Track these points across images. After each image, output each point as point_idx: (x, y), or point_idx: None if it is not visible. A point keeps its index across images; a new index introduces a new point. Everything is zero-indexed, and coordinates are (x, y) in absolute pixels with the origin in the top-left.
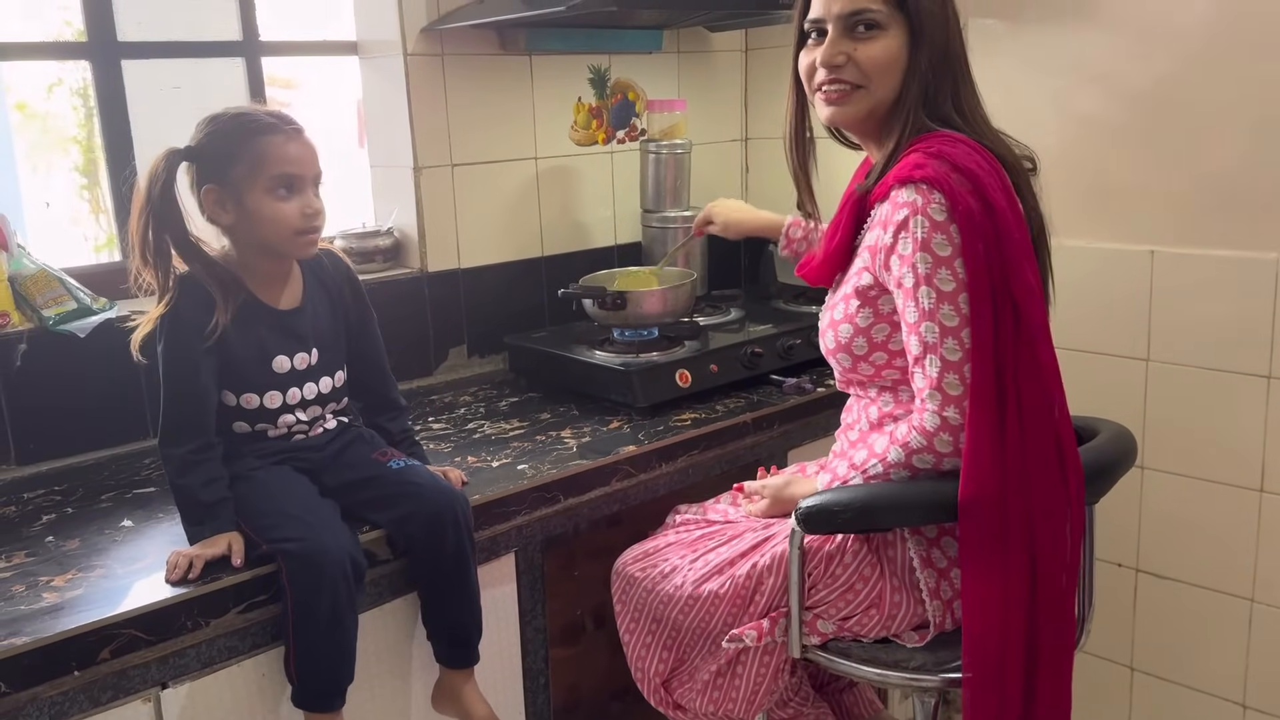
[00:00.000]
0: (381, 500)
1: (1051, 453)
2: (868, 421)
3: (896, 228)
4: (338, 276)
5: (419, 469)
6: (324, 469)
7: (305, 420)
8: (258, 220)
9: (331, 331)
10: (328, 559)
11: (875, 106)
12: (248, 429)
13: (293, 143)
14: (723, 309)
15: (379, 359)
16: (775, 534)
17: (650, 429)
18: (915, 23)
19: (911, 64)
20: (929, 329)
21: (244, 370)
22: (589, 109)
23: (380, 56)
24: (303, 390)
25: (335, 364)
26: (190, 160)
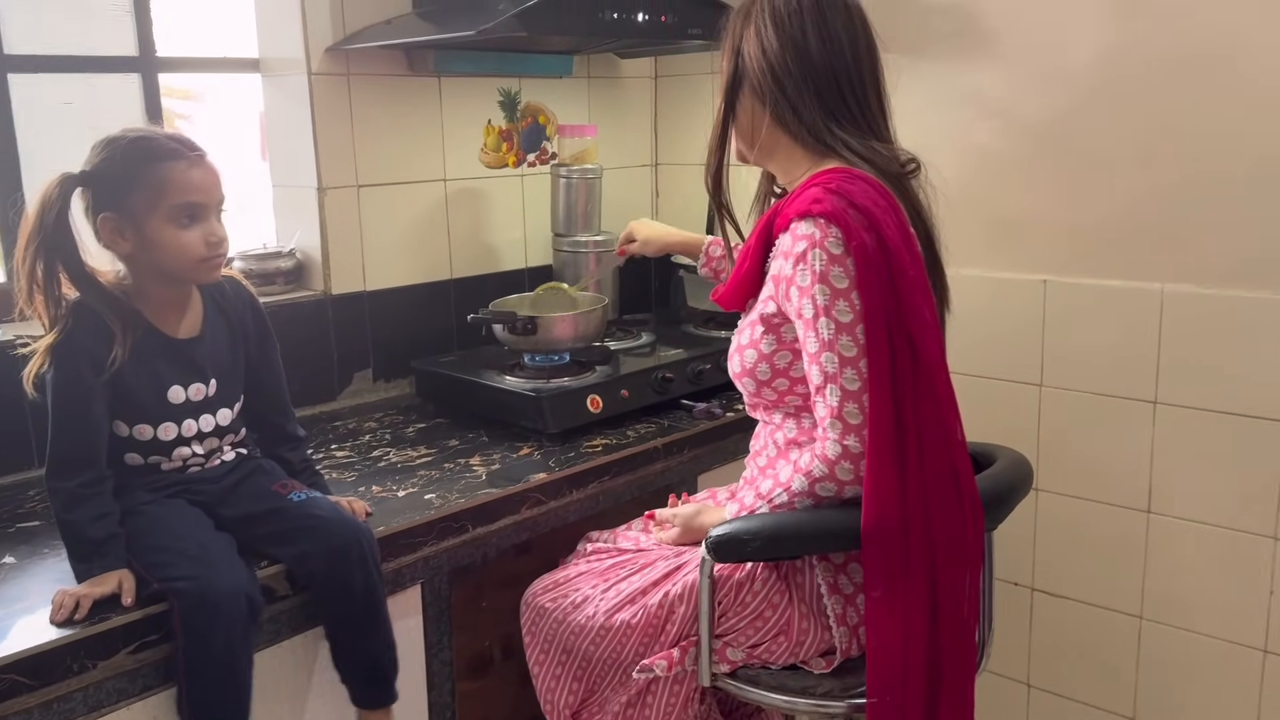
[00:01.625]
0: (282, 534)
1: (949, 482)
2: (774, 447)
3: (796, 259)
4: (240, 304)
5: (321, 501)
6: (221, 501)
7: (201, 453)
8: (158, 249)
9: (230, 362)
10: (221, 597)
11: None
12: (140, 461)
13: (195, 169)
14: (634, 333)
15: (279, 390)
16: (686, 562)
17: (561, 455)
18: (742, 68)
19: (756, 104)
20: (829, 359)
21: (137, 401)
22: (499, 131)
23: (283, 75)
24: (199, 422)
25: (233, 395)
26: (85, 186)
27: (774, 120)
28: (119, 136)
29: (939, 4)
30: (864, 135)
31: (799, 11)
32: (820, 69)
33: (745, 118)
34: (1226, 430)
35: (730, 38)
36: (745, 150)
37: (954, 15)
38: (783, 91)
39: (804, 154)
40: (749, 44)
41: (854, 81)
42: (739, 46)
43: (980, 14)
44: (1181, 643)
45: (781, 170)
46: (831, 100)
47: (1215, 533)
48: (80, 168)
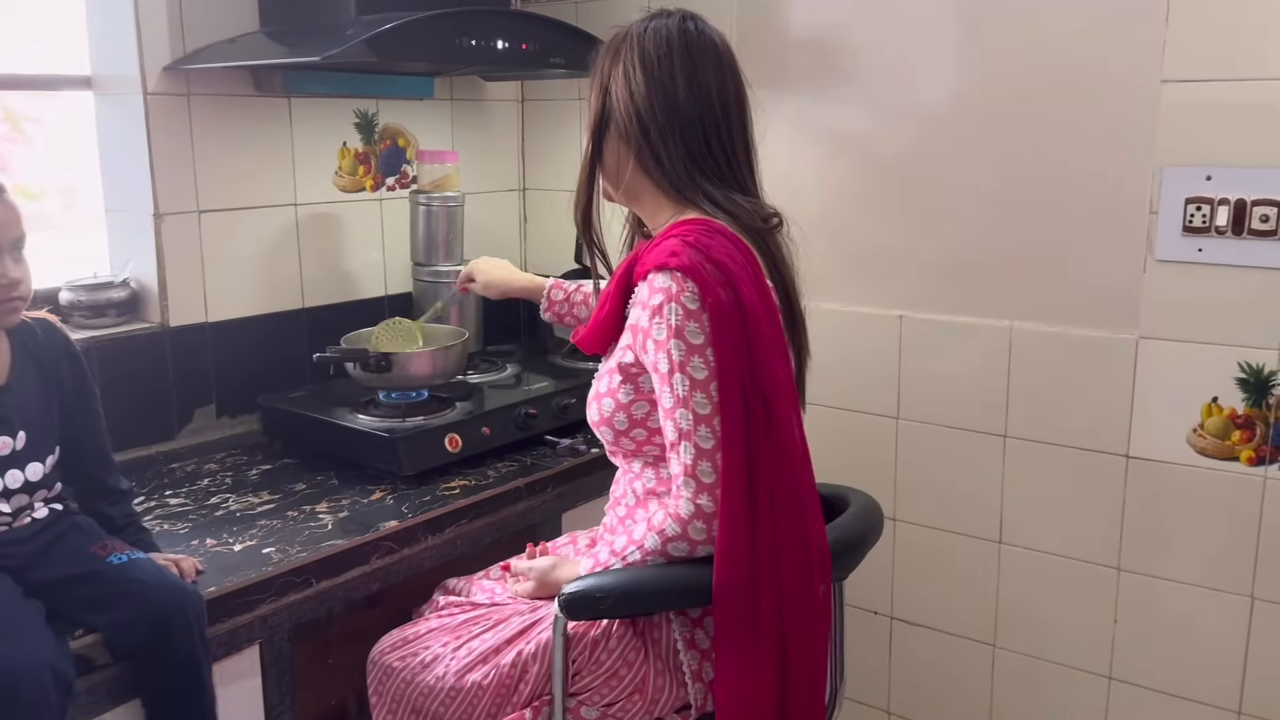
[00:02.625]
0: (99, 600)
1: (799, 540)
2: (633, 495)
3: (652, 312)
4: (54, 349)
5: (144, 563)
6: (31, 564)
7: (8, 511)
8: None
9: (42, 412)
10: (23, 676)
11: (628, 191)
12: None
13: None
14: (498, 365)
15: (98, 442)
16: (541, 619)
17: (416, 499)
18: (609, 109)
19: (622, 146)
20: (683, 415)
21: None
22: (355, 154)
23: (117, 94)
24: (4, 479)
25: (46, 448)
26: None
27: (638, 165)
28: None
29: (800, 38)
30: (728, 187)
31: (668, 56)
32: (687, 118)
33: (611, 159)
34: (1071, 464)
35: (599, 75)
36: (611, 190)
37: (815, 50)
38: (647, 138)
39: (667, 201)
40: (617, 85)
41: (721, 132)
42: (607, 85)
43: (840, 49)
44: (1032, 670)
45: (646, 214)
46: (697, 150)
47: (1062, 563)
48: None
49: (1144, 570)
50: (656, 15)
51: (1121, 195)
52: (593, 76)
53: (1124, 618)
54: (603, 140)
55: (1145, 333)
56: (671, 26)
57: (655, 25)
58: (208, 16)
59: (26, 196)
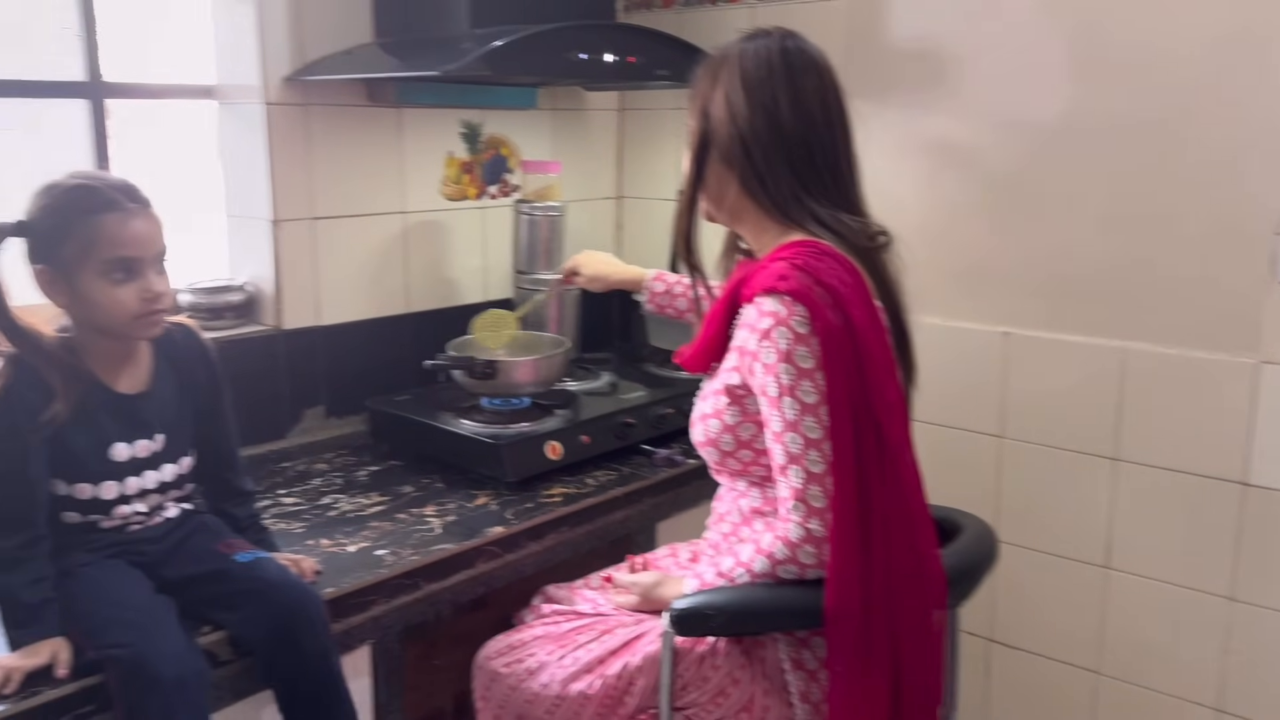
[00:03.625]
0: (226, 598)
1: (912, 565)
2: (739, 514)
3: (760, 335)
4: (191, 354)
5: (267, 563)
6: (163, 562)
7: (144, 510)
8: (91, 305)
9: (178, 416)
10: (161, 666)
11: (731, 212)
12: (78, 519)
13: (133, 220)
14: (593, 373)
15: (228, 444)
16: (647, 631)
17: (519, 506)
18: (710, 131)
19: (724, 169)
20: (792, 439)
21: (78, 459)
22: (460, 164)
23: (239, 103)
24: (142, 479)
25: (180, 450)
26: (21, 235)
27: (742, 188)
28: (57, 184)
29: (906, 49)
30: (834, 206)
31: (769, 77)
32: (791, 138)
33: (713, 181)
34: (1184, 489)
35: (698, 97)
36: (714, 212)
37: (920, 61)
38: (750, 161)
39: (771, 222)
40: (717, 108)
41: (826, 150)
42: (706, 108)
43: (946, 60)
44: (1136, 698)
45: (749, 235)
46: (802, 170)
47: (1171, 590)
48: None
49: (1259, 601)
50: (755, 35)
51: (1243, 215)
52: (692, 98)
53: (1235, 649)
54: (704, 163)
55: (1267, 356)
56: (772, 46)
57: (755, 46)
58: (325, 28)
59: None
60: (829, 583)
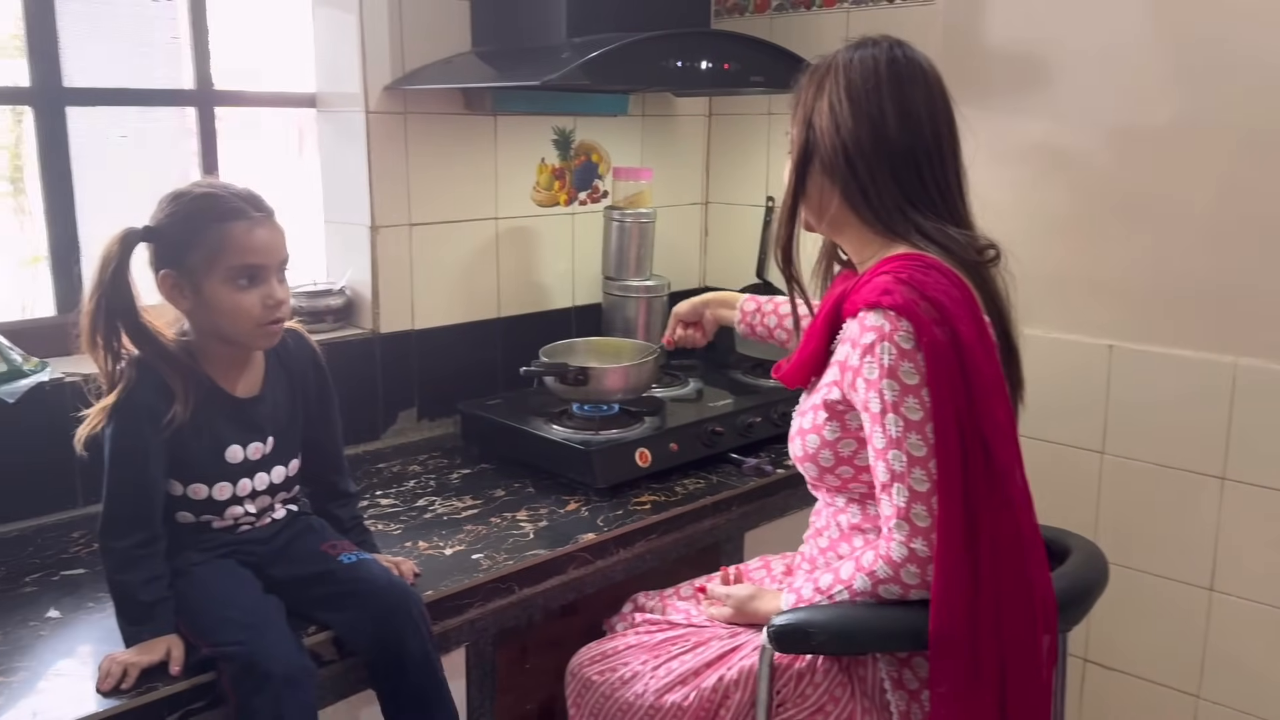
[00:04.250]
0: (331, 599)
1: (1022, 588)
2: (838, 529)
3: (863, 350)
4: (302, 359)
5: (371, 565)
6: (271, 562)
7: (254, 511)
8: (215, 311)
9: (289, 419)
10: (271, 665)
11: (832, 224)
12: (192, 519)
13: (258, 229)
14: (681, 380)
15: (335, 448)
16: (743, 645)
17: (609, 513)
18: (813, 141)
19: (826, 181)
20: (896, 457)
21: (194, 461)
22: (552, 170)
23: (340, 111)
24: (254, 481)
25: (290, 453)
26: (148, 241)
27: (844, 201)
28: (184, 192)
29: (1003, 53)
30: (941, 218)
31: (876, 87)
32: (898, 150)
33: (815, 192)
34: None
35: (801, 106)
36: (814, 223)
37: (1019, 65)
38: (854, 173)
39: (874, 235)
40: (821, 117)
41: (934, 162)
42: (810, 118)
43: (1047, 65)
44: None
45: (850, 247)
46: (908, 183)
47: (1278, 615)
48: (147, 221)
49: None
50: (861, 44)
51: None
52: (794, 107)
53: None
54: (806, 173)
55: None
56: (879, 55)
57: (861, 55)
58: (424, 38)
59: None
60: (934, 604)
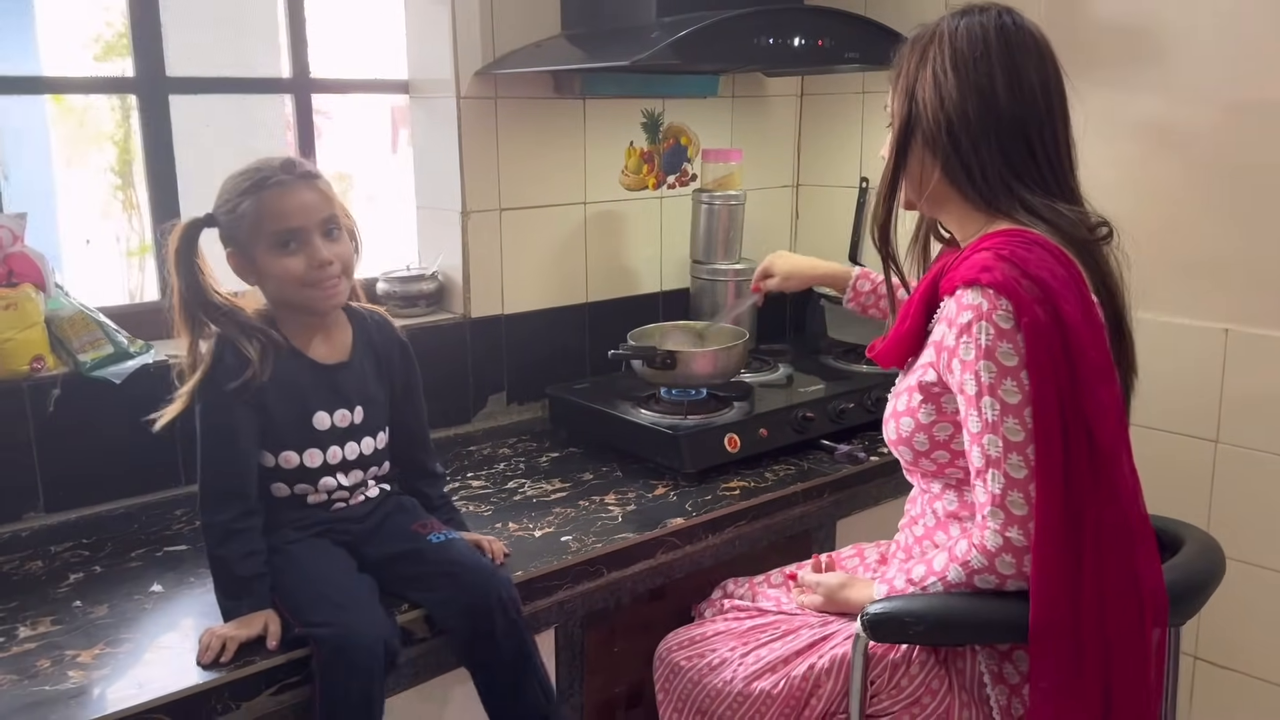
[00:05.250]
0: (421, 579)
1: (1128, 580)
2: (933, 516)
3: (960, 330)
4: (387, 341)
5: (459, 544)
6: (365, 541)
7: (347, 485)
8: (269, 279)
9: (376, 392)
10: (360, 647)
11: (933, 200)
12: (287, 492)
13: (290, 193)
14: (771, 365)
15: (420, 429)
16: (835, 633)
17: (698, 498)
18: (915, 114)
19: (928, 155)
20: (991, 442)
21: (283, 426)
22: (640, 153)
23: (432, 97)
24: (344, 450)
25: (378, 425)
26: (210, 226)
27: (945, 176)
28: (235, 173)
29: (1113, 22)
30: (1049, 194)
31: (985, 56)
32: (1006, 122)
33: (916, 167)
34: None
35: (903, 77)
36: (914, 199)
37: (1128, 37)
38: (957, 148)
39: (977, 212)
40: (924, 89)
41: (1045, 134)
42: (912, 89)
43: (1158, 36)
44: None
45: (952, 223)
46: (1016, 157)
47: None
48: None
49: None
50: (968, 11)
51: None
52: (895, 79)
53: None
54: (907, 148)
55: None
56: (987, 23)
57: (968, 22)
58: (515, 22)
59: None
60: (1034, 595)
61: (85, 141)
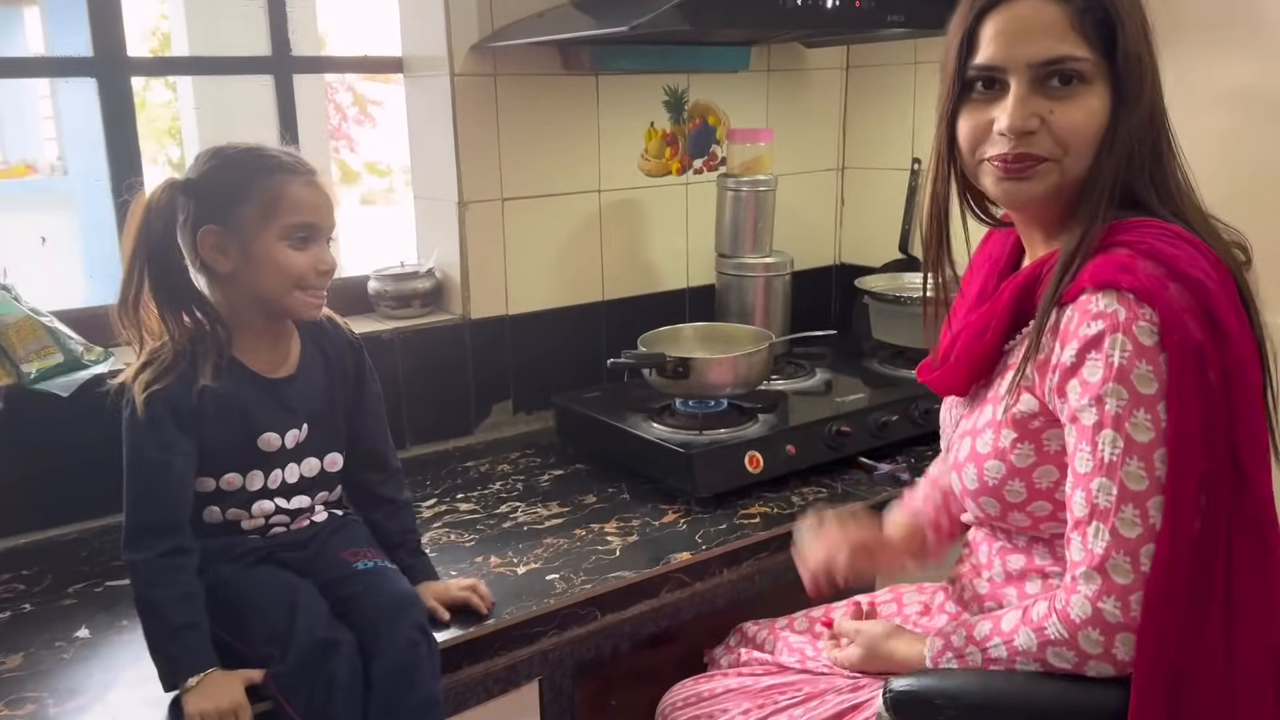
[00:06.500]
0: (344, 608)
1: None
2: (1004, 573)
3: (1084, 344)
4: (339, 344)
5: (386, 574)
6: (307, 569)
7: (288, 508)
8: (263, 269)
9: (327, 407)
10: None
11: (1063, 183)
12: (219, 517)
13: (312, 189)
14: (805, 369)
15: (375, 446)
16: (866, 703)
17: (711, 526)
18: (1122, 75)
19: (1113, 131)
20: (1103, 487)
21: (227, 449)
22: (662, 135)
23: (424, 75)
24: (284, 472)
25: (327, 444)
26: (189, 195)
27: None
28: (226, 146)
29: None
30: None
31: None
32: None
33: None
34: None
35: None
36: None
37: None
38: (1151, 122)
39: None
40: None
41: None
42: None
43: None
44: None
45: (1050, 214)
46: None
47: None
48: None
49: None
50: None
51: None
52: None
53: None
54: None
55: None
56: None
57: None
58: None
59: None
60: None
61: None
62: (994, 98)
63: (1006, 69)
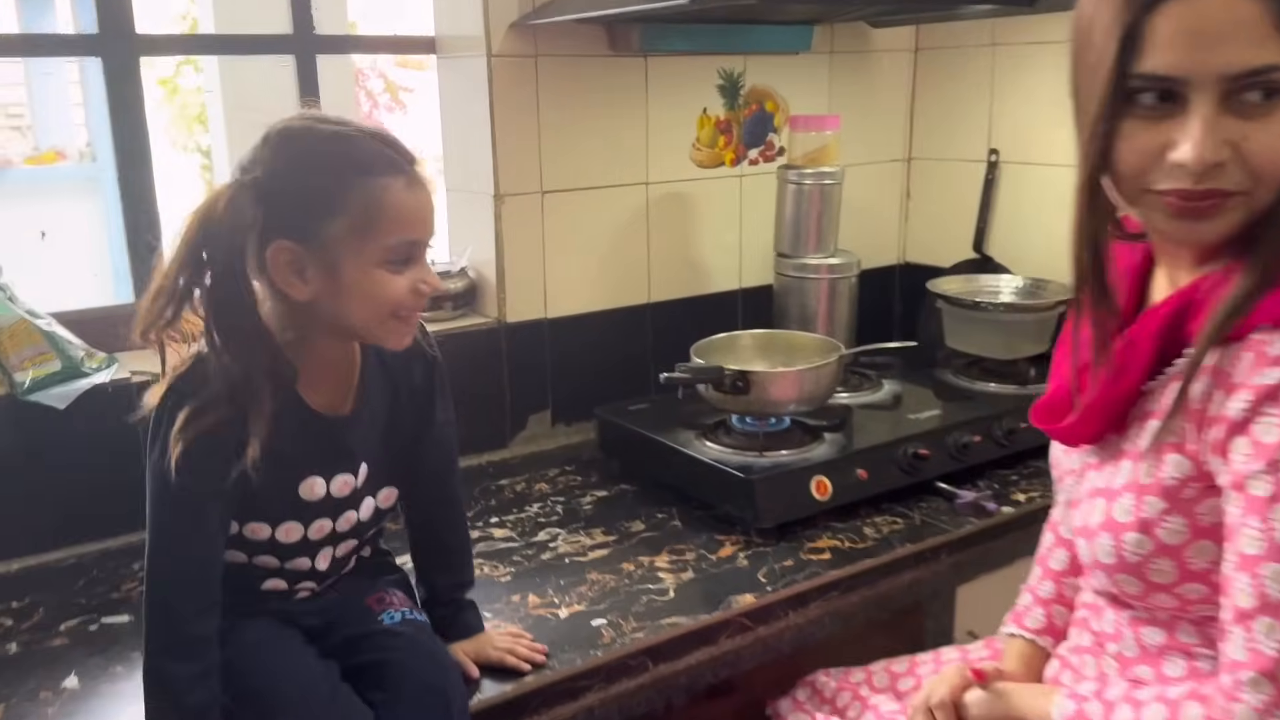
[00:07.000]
0: (369, 672)
1: None
2: (1136, 645)
3: (1260, 396)
4: (406, 355)
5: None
6: (321, 635)
7: (323, 570)
8: (354, 298)
9: (386, 434)
10: None
11: (1248, 219)
12: (244, 559)
13: (414, 191)
14: (872, 381)
15: (439, 481)
16: None
17: (775, 562)
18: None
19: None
20: (1275, 575)
21: (259, 496)
22: (716, 123)
23: (459, 56)
24: (336, 522)
25: (383, 479)
26: (259, 199)
27: None
28: (303, 131)
29: None
30: None
31: None
32: None
33: None
34: None
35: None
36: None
37: None
38: None
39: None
40: None
41: None
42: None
43: None
44: None
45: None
46: None
47: None
48: (240, 167)
49: None
50: None
51: None
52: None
53: None
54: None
55: None
56: None
57: None
58: None
59: None
60: None
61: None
62: (1167, 113)
63: (1189, 80)
